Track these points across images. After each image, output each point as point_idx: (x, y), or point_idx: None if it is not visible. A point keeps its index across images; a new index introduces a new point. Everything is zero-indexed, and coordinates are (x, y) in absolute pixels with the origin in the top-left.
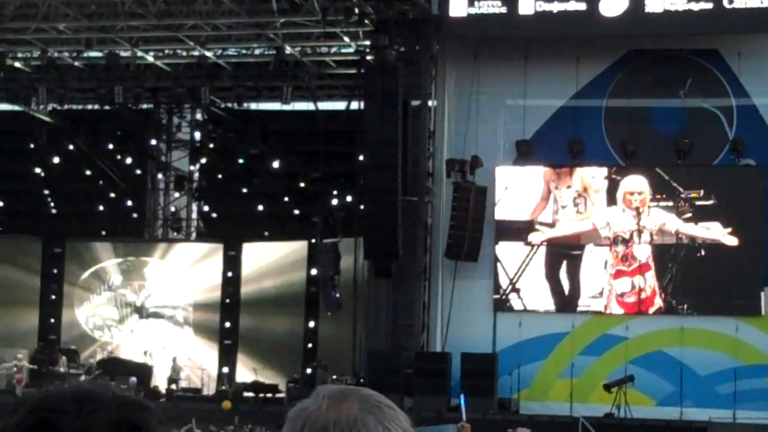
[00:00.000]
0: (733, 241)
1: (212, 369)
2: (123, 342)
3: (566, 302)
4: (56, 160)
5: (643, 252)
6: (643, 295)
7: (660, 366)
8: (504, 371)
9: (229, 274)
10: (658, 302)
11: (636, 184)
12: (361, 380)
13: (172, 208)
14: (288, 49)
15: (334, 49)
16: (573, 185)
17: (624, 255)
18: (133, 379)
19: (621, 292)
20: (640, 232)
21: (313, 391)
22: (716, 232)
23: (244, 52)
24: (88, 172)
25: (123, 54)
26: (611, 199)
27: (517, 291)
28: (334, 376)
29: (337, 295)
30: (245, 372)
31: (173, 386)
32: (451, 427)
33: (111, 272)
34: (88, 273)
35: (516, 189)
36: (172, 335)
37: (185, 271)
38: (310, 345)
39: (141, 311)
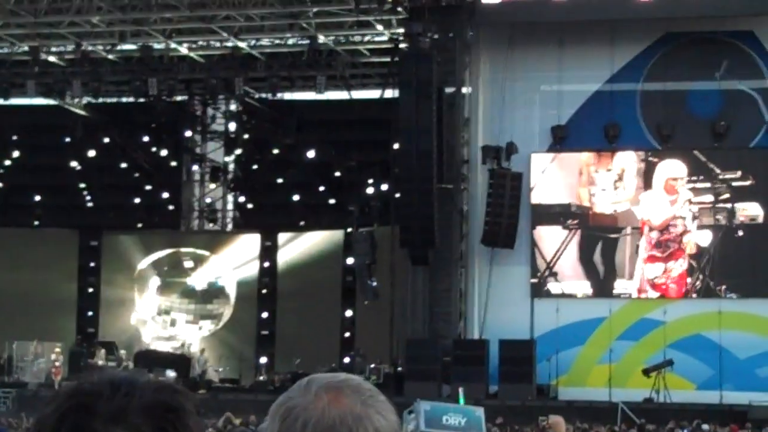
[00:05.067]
0: None
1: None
2: (161, 334)
3: (602, 286)
4: (92, 153)
5: (678, 237)
6: (673, 280)
7: (699, 349)
8: (542, 357)
9: (266, 264)
10: (689, 286)
11: (677, 169)
12: (399, 368)
13: (208, 200)
14: (321, 39)
15: (367, 38)
16: (613, 168)
17: (659, 240)
18: (172, 373)
19: (653, 277)
20: (676, 216)
21: (296, 385)
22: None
23: (277, 42)
24: (123, 165)
25: (156, 46)
26: (647, 183)
27: (555, 275)
28: (373, 365)
29: (374, 284)
30: (283, 361)
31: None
32: (479, 410)
33: (152, 266)
34: (140, 268)
35: (552, 173)
36: (208, 327)
37: (223, 261)
38: (347, 334)
39: (178, 303)
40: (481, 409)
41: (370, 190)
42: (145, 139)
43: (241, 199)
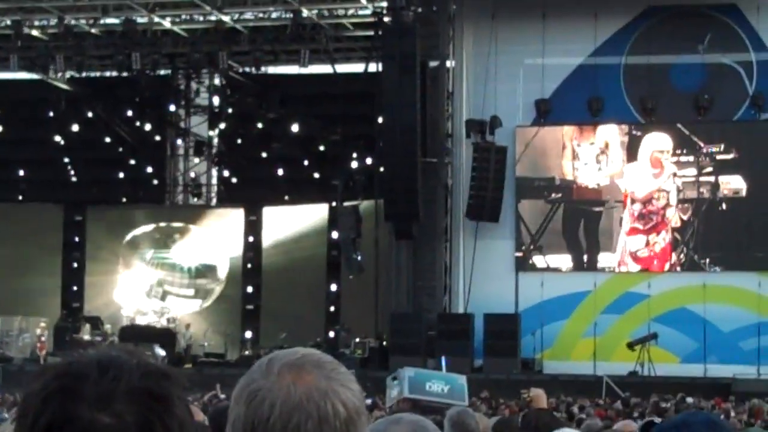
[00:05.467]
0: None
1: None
2: (146, 309)
3: (586, 260)
4: (75, 127)
5: (661, 210)
6: (655, 251)
7: (683, 323)
8: (527, 331)
9: (250, 238)
10: (673, 259)
11: (663, 142)
12: (384, 342)
13: (192, 174)
14: (305, 12)
15: (351, 11)
16: (596, 142)
17: (641, 213)
18: (161, 352)
19: (635, 249)
20: (660, 189)
21: (257, 366)
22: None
23: (261, 15)
24: (107, 140)
25: (140, 20)
26: (631, 156)
27: (540, 249)
28: (357, 339)
29: (359, 258)
30: (268, 336)
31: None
32: (462, 378)
33: (137, 241)
34: (125, 243)
35: (536, 147)
36: (197, 302)
37: (207, 236)
38: (332, 308)
39: (166, 277)
40: (464, 377)
41: (354, 164)
42: (129, 113)
43: (226, 173)
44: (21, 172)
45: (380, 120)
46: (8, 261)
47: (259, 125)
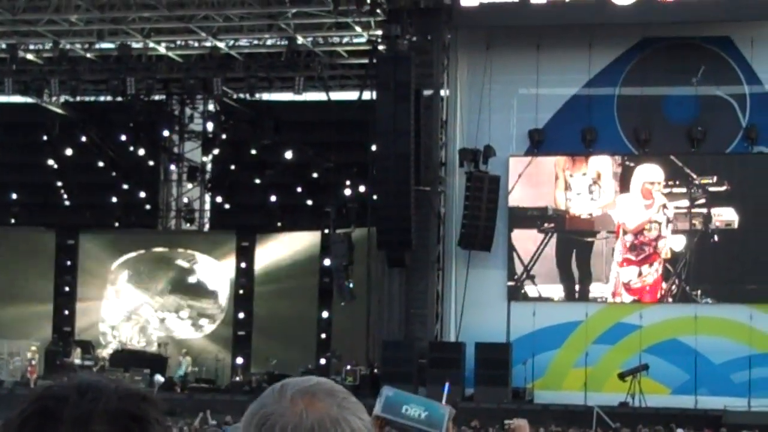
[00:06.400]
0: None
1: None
2: (137, 333)
3: (578, 290)
4: (69, 152)
5: (653, 241)
6: (647, 282)
7: (674, 354)
8: (518, 360)
9: (242, 264)
10: (665, 290)
11: (654, 174)
12: (375, 370)
13: (185, 200)
14: (300, 40)
15: (346, 39)
16: (588, 172)
17: (633, 244)
18: (160, 378)
19: (628, 280)
20: (651, 220)
21: (269, 391)
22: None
23: (255, 42)
24: (100, 164)
25: (135, 45)
26: (624, 187)
27: (532, 278)
28: (348, 366)
29: (351, 286)
30: (259, 362)
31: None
32: (445, 408)
33: (130, 265)
34: (116, 267)
35: (529, 177)
36: (187, 326)
37: (201, 262)
38: (323, 335)
39: (157, 302)
40: (447, 407)
41: (347, 192)
42: (123, 138)
43: (219, 199)
44: (14, 196)
45: (374, 148)
46: (0, 284)
47: (253, 152)
